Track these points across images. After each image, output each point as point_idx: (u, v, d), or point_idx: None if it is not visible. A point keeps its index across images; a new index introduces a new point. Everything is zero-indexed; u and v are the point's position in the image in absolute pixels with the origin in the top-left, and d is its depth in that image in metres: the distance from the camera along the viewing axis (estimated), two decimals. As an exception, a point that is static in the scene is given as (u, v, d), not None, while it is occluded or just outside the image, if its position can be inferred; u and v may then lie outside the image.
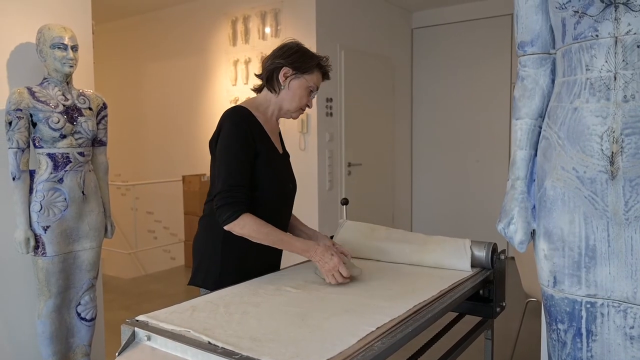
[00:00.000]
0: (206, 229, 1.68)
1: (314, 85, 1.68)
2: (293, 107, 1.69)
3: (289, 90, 1.66)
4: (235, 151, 1.55)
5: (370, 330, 1.18)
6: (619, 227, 1.13)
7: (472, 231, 5.31)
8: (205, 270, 1.65)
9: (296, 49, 1.67)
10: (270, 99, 1.70)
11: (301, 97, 1.67)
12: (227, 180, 1.53)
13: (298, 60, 1.64)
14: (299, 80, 1.65)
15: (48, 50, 2.18)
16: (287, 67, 1.64)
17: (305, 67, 1.65)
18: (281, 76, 1.65)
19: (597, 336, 1.18)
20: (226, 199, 1.51)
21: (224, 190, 1.52)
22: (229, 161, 1.55)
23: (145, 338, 1.18)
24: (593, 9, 1.11)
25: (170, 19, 5.66)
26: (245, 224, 1.51)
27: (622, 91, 1.10)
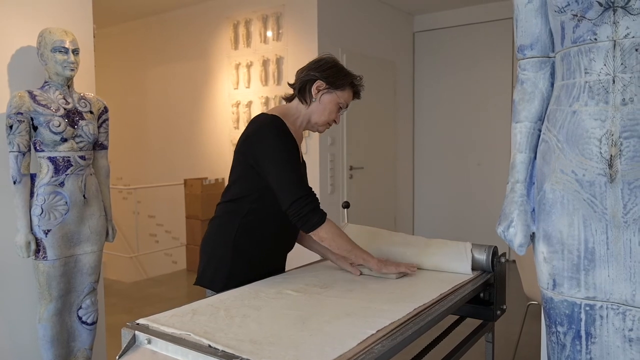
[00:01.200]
0: (219, 230, 1.69)
1: (344, 102, 1.71)
2: (321, 121, 1.71)
3: (320, 103, 1.69)
4: (293, 159, 1.59)
5: (371, 333, 1.18)
6: (617, 229, 1.13)
7: (473, 234, 5.31)
8: (214, 271, 1.66)
9: (332, 64, 1.69)
10: (301, 110, 1.72)
11: (331, 111, 1.70)
12: (300, 187, 1.56)
13: (333, 75, 1.67)
14: (330, 95, 1.68)
15: (49, 54, 2.19)
16: (321, 80, 1.67)
17: (338, 84, 1.67)
18: (314, 89, 1.67)
19: (596, 339, 1.18)
20: (309, 205, 1.54)
21: (303, 197, 1.54)
22: (290, 169, 1.56)
23: (146, 341, 1.19)
24: (592, 13, 1.12)
25: (172, 22, 5.68)
26: (329, 229, 1.58)
27: (621, 94, 1.10)
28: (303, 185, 1.57)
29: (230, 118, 5.15)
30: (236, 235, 1.63)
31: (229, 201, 1.68)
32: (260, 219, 1.65)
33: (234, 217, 1.65)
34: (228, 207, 1.68)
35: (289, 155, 1.58)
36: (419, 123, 6.06)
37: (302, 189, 1.55)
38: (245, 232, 1.64)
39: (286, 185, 1.55)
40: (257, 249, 1.65)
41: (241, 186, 1.65)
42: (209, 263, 1.69)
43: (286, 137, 1.60)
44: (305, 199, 1.54)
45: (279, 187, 1.56)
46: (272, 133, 1.58)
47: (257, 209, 1.64)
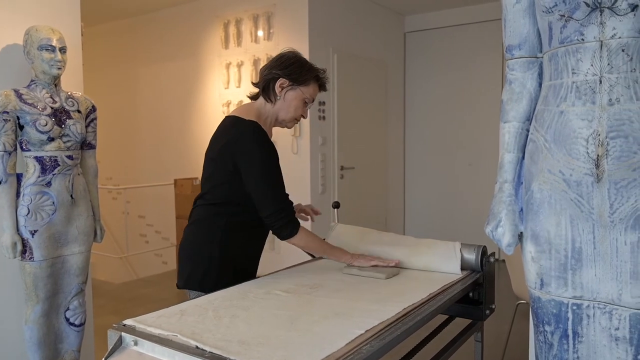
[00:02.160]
0: (203, 232, 1.70)
1: (309, 97, 1.71)
2: (288, 118, 1.72)
3: (285, 101, 1.69)
4: (274, 167, 1.63)
5: (359, 333, 1.18)
6: (604, 229, 1.14)
7: (464, 234, 5.32)
8: (203, 273, 1.67)
9: (294, 60, 1.69)
10: (268, 109, 1.72)
11: (296, 108, 1.71)
12: (278, 200, 1.62)
13: (295, 72, 1.67)
14: (294, 91, 1.69)
15: (35, 52, 2.16)
16: (284, 78, 1.67)
17: (301, 79, 1.68)
18: (277, 87, 1.68)
19: (583, 337, 1.19)
20: (283, 218, 1.61)
21: (279, 210, 1.61)
22: (272, 179, 1.62)
23: (132, 343, 1.17)
24: (579, 13, 1.12)
25: (162, 21, 5.65)
26: (302, 237, 1.66)
27: (608, 95, 1.11)
28: (281, 197, 1.62)
29: (220, 118, 5.09)
30: (222, 236, 1.65)
31: (211, 204, 1.69)
32: (245, 220, 1.67)
33: (219, 218, 1.66)
34: (211, 210, 1.69)
35: (272, 166, 1.62)
36: (410, 123, 6.07)
37: (280, 202, 1.61)
38: (232, 233, 1.66)
39: (266, 197, 1.60)
40: (243, 248, 1.69)
41: (224, 190, 1.66)
42: (196, 265, 1.69)
43: (269, 145, 1.63)
44: (281, 212, 1.60)
45: (259, 197, 1.61)
46: (257, 143, 1.60)
47: (243, 212, 1.66)
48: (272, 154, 1.63)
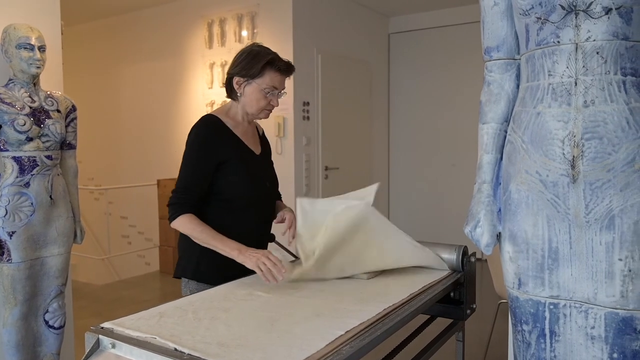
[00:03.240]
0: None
1: (269, 87, 1.71)
2: (254, 110, 1.75)
3: (245, 96, 1.73)
4: (192, 158, 1.67)
5: (339, 334, 1.18)
6: (580, 229, 1.15)
7: (448, 234, 5.36)
8: (186, 260, 1.74)
9: (244, 55, 1.72)
10: (236, 106, 1.77)
11: (258, 100, 1.72)
12: (179, 183, 1.67)
13: (245, 67, 1.70)
14: (250, 85, 1.71)
15: (14, 51, 2.13)
16: (237, 76, 1.71)
17: (252, 72, 1.69)
18: (235, 85, 1.72)
19: (560, 336, 1.20)
20: (173, 199, 1.65)
21: (174, 192, 1.66)
22: (184, 166, 1.68)
23: (110, 346, 1.16)
24: (555, 16, 1.14)
25: (146, 21, 5.60)
26: (182, 224, 1.63)
27: (583, 96, 1.12)
28: (182, 181, 1.67)
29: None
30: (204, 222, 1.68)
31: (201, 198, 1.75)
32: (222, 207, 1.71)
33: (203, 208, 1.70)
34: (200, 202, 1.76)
35: (190, 153, 1.68)
36: (394, 123, 6.10)
37: (178, 187, 1.66)
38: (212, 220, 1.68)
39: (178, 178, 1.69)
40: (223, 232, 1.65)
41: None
42: (182, 253, 1.77)
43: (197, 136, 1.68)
44: (173, 194, 1.66)
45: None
46: (192, 132, 1.69)
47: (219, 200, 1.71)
48: (195, 142, 1.67)
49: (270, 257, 1.53)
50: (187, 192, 1.66)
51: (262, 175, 1.83)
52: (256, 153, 1.82)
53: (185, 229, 1.64)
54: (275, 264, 1.51)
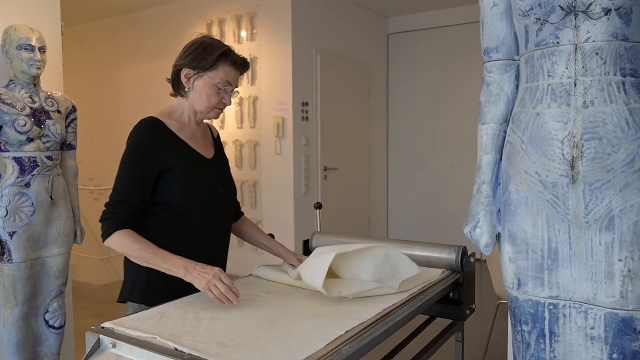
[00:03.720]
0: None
1: (222, 81, 1.53)
2: (204, 108, 1.57)
3: (195, 91, 1.55)
4: (127, 166, 1.50)
5: (339, 334, 1.18)
6: (579, 230, 1.16)
7: (447, 234, 5.36)
8: (132, 282, 1.55)
9: (195, 46, 1.54)
10: (183, 104, 1.60)
11: (209, 96, 1.54)
12: (113, 195, 1.48)
13: (196, 58, 1.52)
14: (202, 79, 1.53)
15: (14, 52, 2.13)
16: (186, 67, 1.53)
17: (204, 64, 1.52)
18: (183, 78, 1.55)
19: (559, 337, 1.21)
20: (106, 214, 1.46)
21: (107, 205, 1.47)
22: (119, 176, 1.50)
23: (111, 345, 1.16)
24: (554, 17, 1.14)
25: (145, 21, 5.60)
26: (117, 242, 1.44)
27: (582, 97, 1.13)
28: (116, 194, 1.47)
29: (204, 118, 5.11)
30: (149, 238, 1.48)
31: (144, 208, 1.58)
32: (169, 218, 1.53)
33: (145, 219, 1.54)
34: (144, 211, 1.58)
35: (126, 161, 1.50)
36: (393, 124, 6.11)
37: (112, 199, 1.47)
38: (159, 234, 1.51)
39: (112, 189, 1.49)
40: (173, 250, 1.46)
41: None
42: (128, 274, 1.58)
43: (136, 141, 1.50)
44: (107, 208, 1.47)
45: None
46: (129, 137, 1.52)
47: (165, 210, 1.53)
48: (132, 149, 1.50)
49: (222, 278, 1.36)
50: (123, 205, 1.46)
51: (215, 182, 1.62)
52: (207, 157, 1.63)
53: (120, 247, 1.44)
54: (229, 287, 1.35)
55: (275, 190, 4.65)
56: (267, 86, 4.66)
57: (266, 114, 4.67)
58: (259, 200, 4.77)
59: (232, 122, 4.90)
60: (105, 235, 1.44)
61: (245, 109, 4.80)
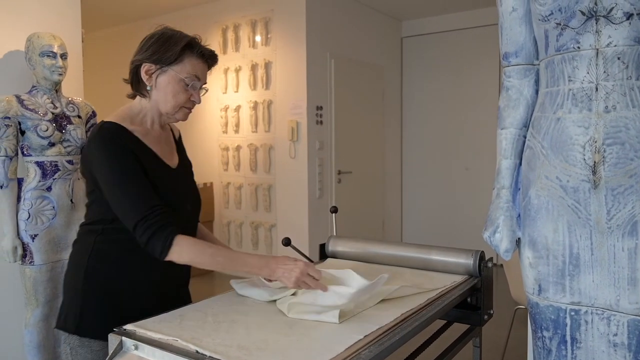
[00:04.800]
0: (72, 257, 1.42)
1: (190, 75, 1.35)
2: (170, 108, 1.37)
3: (158, 89, 1.35)
4: (125, 175, 1.27)
5: (358, 339, 1.18)
6: (601, 235, 1.15)
7: (463, 239, 5.34)
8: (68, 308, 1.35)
9: (155, 39, 1.36)
10: (145, 105, 1.39)
11: (175, 93, 1.35)
12: (137, 207, 1.25)
13: (158, 50, 1.34)
14: (166, 75, 1.34)
15: (37, 58, 2.18)
16: (147, 62, 1.34)
17: (167, 57, 1.33)
18: (143, 75, 1.35)
19: (581, 343, 1.20)
20: (148, 230, 1.24)
21: (141, 220, 1.24)
22: (125, 186, 1.26)
23: (133, 347, 1.18)
24: (575, 22, 1.14)
25: (161, 26, 5.66)
26: (182, 250, 1.26)
27: (604, 102, 1.12)
28: (142, 206, 1.25)
29: (218, 122, 5.15)
30: (89, 259, 1.33)
31: (85, 224, 1.39)
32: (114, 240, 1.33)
33: (87, 239, 1.35)
34: (83, 229, 1.39)
35: (120, 170, 1.26)
36: (407, 128, 6.09)
37: (141, 211, 1.24)
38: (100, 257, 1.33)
39: (124, 208, 1.26)
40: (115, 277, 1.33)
41: (97, 208, 1.35)
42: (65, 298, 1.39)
43: (115, 145, 1.28)
44: (144, 222, 1.24)
45: (119, 211, 1.28)
46: (99, 147, 1.28)
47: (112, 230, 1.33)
48: (118, 155, 1.27)
49: (311, 272, 1.27)
50: (156, 211, 1.25)
51: (182, 196, 1.42)
52: (171, 166, 1.42)
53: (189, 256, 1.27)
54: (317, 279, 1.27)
55: (289, 194, 4.66)
56: (282, 90, 4.69)
57: (281, 118, 4.70)
58: (273, 204, 4.79)
59: (247, 127, 4.94)
60: (165, 250, 1.24)
61: (260, 113, 4.83)
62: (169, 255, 1.25)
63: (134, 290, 1.35)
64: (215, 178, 5.22)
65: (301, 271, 1.27)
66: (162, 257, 1.26)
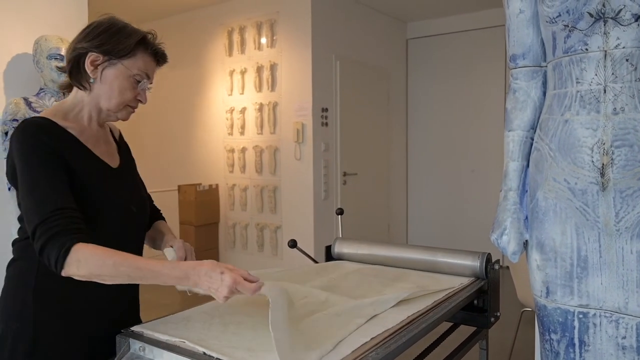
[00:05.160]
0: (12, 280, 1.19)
1: (140, 72, 1.24)
2: (113, 105, 1.24)
3: (103, 83, 1.21)
4: (37, 169, 1.10)
5: (365, 341, 1.18)
6: (610, 238, 1.14)
7: (468, 241, 5.32)
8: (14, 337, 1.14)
9: (106, 26, 1.22)
10: (82, 99, 1.24)
11: (122, 89, 1.22)
12: (39, 210, 1.06)
13: (108, 41, 1.20)
14: (114, 68, 1.21)
15: (45, 61, 2.19)
16: (94, 51, 1.19)
17: (120, 49, 1.20)
18: (88, 65, 1.19)
19: (589, 346, 1.19)
20: (44, 235, 1.04)
21: (40, 224, 1.04)
22: (33, 186, 1.09)
23: (140, 349, 1.18)
24: (583, 23, 1.14)
25: (167, 29, 5.69)
26: (80, 260, 1.03)
27: (612, 104, 1.12)
28: (44, 205, 1.06)
29: (224, 124, 5.16)
30: (37, 280, 1.14)
31: (24, 239, 1.17)
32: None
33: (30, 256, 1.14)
34: (22, 245, 1.18)
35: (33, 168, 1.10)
36: (413, 129, 6.09)
37: (39, 215, 1.05)
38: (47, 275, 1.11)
39: (26, 213, 1.08)
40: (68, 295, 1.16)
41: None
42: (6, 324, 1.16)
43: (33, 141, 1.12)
44: (41, 228, 1.04)
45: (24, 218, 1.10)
46: (17, 145, 1.12)
47: None
48: (35, 151, 1.11)
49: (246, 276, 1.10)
50: (60, 214, 1.06)
51: (124, 197, 1.27)
52: (112, 166, 1.29)
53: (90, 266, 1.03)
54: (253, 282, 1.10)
55: (295, 195, 4.67)
56: (287, 92, 4.69)
57: (286, 119, 4.70)
58: (278, 205, 4.80)
59: (252, 128, 4.95)
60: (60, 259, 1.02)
61: (265, 115, 4.84)
62: (65, 267, 1.03)
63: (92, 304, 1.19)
64: (220, 180, 5.23)
65: (233, 281, 1.06)
66: (59, 269, 1.03)
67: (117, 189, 1.26)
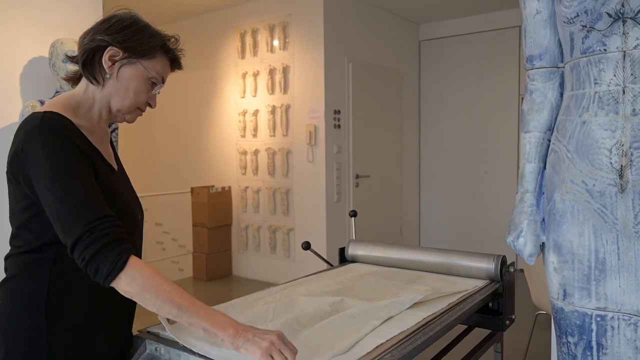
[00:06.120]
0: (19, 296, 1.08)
1: (157, 76, 1.19)
2: (125, 106, 1.17)
3: (119, 81, 1.14)
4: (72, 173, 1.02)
5: (380, 343, 1.18)
6: (628, 240, 1.13)
7: (480, 243, 5.29)
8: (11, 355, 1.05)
9: (130, 22, 1.15)
10: (93, 95, 1.16)
11: (138, 91, 1.16)
12: (83, 217, 0.99)
13: (132, 38, 1.13)
14: (133, 67, 1.15)
15: (60, 64, 2.22)
16: (115, 47, 1.12)
17: (142, 49, 1.15)
18: (106, 60, 1.12)
19: (607, 349, 1.17)
20: (95, 243, 0.98)
21: (87, 232, 0.98)
22: (69, 191, 1.00)
23: (156, 350, 1.19)
24: (601, 24, 1.12)
25: (180, 32, 5.67)
26: (136, 276, 0.99)
27: (631, 105, 1.10)
28: (86, 215, 0.99)
29: (237, 127, 5.18)
30: (48, 297, 1.05)
31: (25, 252, 1.08)
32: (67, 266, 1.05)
33: (38, 271, 1.07)
34: (25, 259, 1.08)
35: (66, 171, 1.01)
36: (425, 131, 6.07)
37: (85, 222, 0.98)
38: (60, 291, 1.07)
39: (66, 220, 0.99)
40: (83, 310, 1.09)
41: (34, 228, 1.07)
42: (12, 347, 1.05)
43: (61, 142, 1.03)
44: (89, 236, 0.98)
45: (58, 225, 1.01)
46: (40, 142, 1.02)
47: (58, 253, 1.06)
48: (66, 154, 1.03)
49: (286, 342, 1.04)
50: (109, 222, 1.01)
51: (132, 203, 1.21)
52: (116, 170, 1.23)
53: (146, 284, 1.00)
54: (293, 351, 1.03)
55: (307, 197, 4.67)
56: (300, 94, 4.70)
57: (299, 122, 4.71)
58: (291, 207, 4.80)
59: (264, 131, 4.96)
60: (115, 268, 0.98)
61: (277, 117, 4.85)
62: (117, 279, 0.98)
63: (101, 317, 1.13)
64: (233, 182, 5.25)
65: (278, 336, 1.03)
66: (108, 281, 0.98)
67: (125, 194, 1.20)
